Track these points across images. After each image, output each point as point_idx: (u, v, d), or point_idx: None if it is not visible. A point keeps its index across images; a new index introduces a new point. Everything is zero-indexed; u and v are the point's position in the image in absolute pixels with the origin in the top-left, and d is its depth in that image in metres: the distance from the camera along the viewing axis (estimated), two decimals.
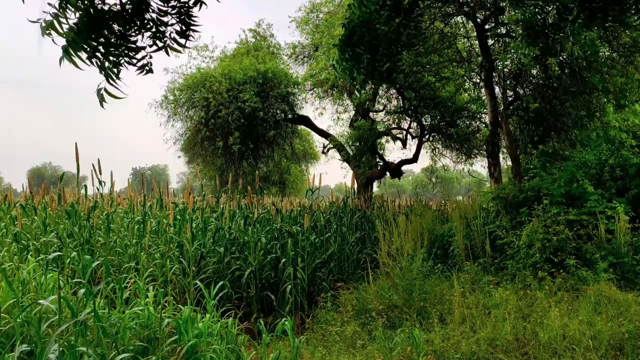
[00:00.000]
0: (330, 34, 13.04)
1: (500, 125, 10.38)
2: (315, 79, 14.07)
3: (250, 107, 13.60)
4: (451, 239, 7.91)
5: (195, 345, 4.26)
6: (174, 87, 15.39)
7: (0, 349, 3.67)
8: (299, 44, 17.00)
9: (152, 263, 6.58)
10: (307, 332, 6.00)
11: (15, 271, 5.10)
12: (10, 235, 7.00)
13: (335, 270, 8.09)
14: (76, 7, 2.87)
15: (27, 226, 7.66)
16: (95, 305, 3.64)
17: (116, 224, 7.97)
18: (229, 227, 7.89)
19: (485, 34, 10.12)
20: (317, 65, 14.11)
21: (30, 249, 6.69)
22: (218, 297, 5.60)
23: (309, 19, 16.44)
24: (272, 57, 16.38)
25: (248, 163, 16.98)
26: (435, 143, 16.89)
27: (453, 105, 13.95)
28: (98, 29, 2.95)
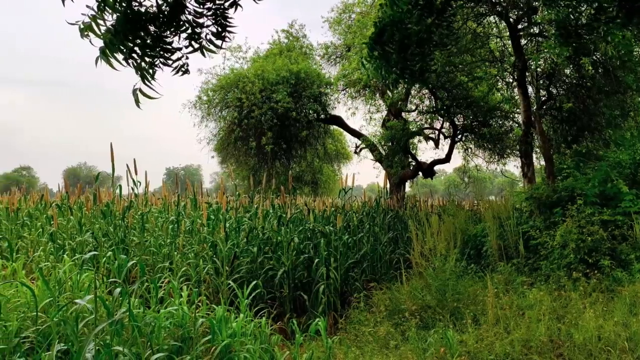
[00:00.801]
0: (363, 34, 13.03)
1: (534, 125, 10.20)
2: (347, 79, 14.10)
3: (283, 107, 13.73)
4: (484, 239, 7.83)
5: (229, 345, 4.28)
6: (207, 87, 15.65)
7: (37, 348, 3.75)
8: (331, 44, 17.05)
9: (186, 263, 6.66)
10: (340, 332, 6.04)
11: (52, 270, 5.20)
12: (47, 235, 7.24)
13: (368, 270, 8.10)
14: (113, 9, 2.97)
15: (63, 226, 7.84)
16: (130, 305, 3.70)
17: (150, 224, 8.14)
18: (262, 227, 7.97)
19: (518, 34, 9.96)
20: (349, 65, 14.13)
21: (66, 249, 6.86)
22: (251, 297, 5.65)
23: (341, 19, 16.47)
24: (304, 57, 16.47)
25: (281, 163, 17.12)
26: (468, 143, 16.68)
27: (486, 105, 13.76)
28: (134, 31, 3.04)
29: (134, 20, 2.98)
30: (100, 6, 2.92)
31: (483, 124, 14.74)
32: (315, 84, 15.00)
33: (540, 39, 10.82)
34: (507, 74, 12.28)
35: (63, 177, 74.49)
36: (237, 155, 16.55)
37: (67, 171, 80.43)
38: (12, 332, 3.74)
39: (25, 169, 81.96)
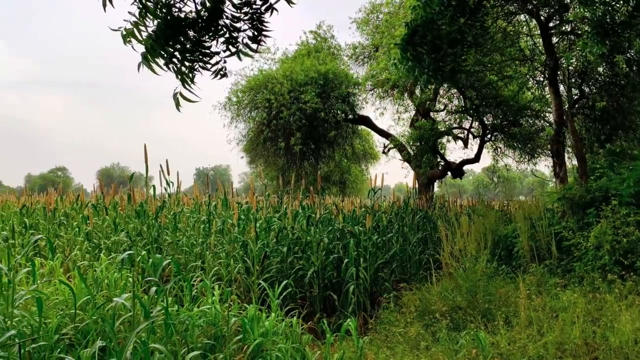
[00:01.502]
0: (391, 34, 13.01)
1: (566, 124, 10.00)
2: (375, 79, 14.09)
3: (311, 107, 13.81)
4: (515, 240, 7.74)
5: (260, 343, 4.33)
6: (237, 89, 15.87)
7: (77, 345, 3.84)
8: (359, 45, 17.05)
9: (217, 262, 6.74)
10: (370, 333, 6.05)
11: (88, 269, 5.34)
12: (83, 234, 7.46)
13: (398, 270, 8.09)
14: (155, 16, 3.07)
15: (99, 225, 8.03)
16: (167, 303, 3.79)
17: (183, 224, 8.29)
18: (292, 227, 8.04)
19: (549, 32, 9.79)
20: (377, 65, 14.12)
21: (102, 248, 7.02)
22: (282, 297, 5.70)
23: (369, 19, 16.46)
24: (332, 58, 16.54)
25: (309, 163, 17.23)
26: (497, 142, 16.46)
27: (516, 104, 13.55)
28: (175, 36, 3.13)
29: (174, 26, 3.06)
30: (142, 12, 3.01)
31: (513, 123, 14.53)
32: (344, 85, 15.04)
33: (573, 36, 10.61)
34: (538, 72, 12.07)
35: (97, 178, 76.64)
36: (265, 155, 16.73)
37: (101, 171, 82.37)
38: (52, 329, 3.86)
39: (61, 169, 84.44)
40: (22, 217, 8.78)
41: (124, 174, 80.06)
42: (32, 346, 3.46)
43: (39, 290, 3.89)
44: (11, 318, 3.46)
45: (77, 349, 3.72)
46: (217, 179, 12.92)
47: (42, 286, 4.59)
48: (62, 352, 3.65)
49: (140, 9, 3.00)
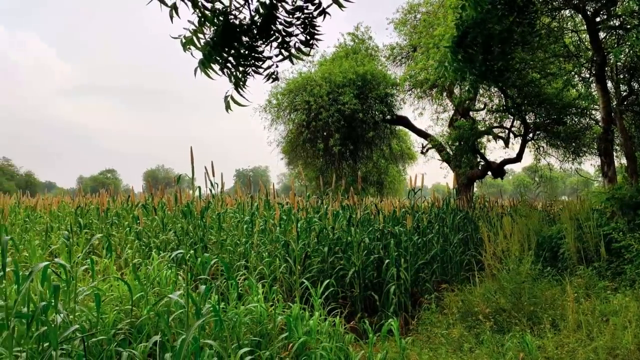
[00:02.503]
0: (429, 34, 12.91)
1: (614, 122, 9.69)
2: (414, 79, 14.02)
3: (349, 109, 13.87)
4: (561, 241, 7.56)
5: (305, 342, 4.39)
6: (276, 91, 16.08)
7: (133, 340, 3.98)
8: (396, 45, 17.00)
9: (260, 261, 6.87)
10: (412, 333, 6.05)
11: (141, 267, 5.52)
12: (133, 234, 7.75)
13: (438, 271, 8.05)
14: (212, 24, 3.21)
15: (148, 225, 8.31)
16: (219, 301, 3.89)
17: (227, 224, 8.48)
18: (332, 227, 8.11)
19: (596, 27, 9.51)
20: (415, 65, 14.04)
21: (151, 246, 7.27)
22: (324, 296, 5.78)
23: (407, 19, 16.38)
24: (370, 59, 16.54)
25: (347, 164, 17.28)
26: (540, 141, 16.08)
27: (560, 102, 13.20)
28: (230, 42, 3.26)
29: (229, 33, 3.19)
30: (201, 21, 3.16)
31: (557, 121, 14.16)
32: (381, 85, 15.04)
33: (621, 31, 10.27)
34: (584, 69, 11.73)
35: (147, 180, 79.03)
36: (304, 156, 16.90)
37: (147, 173, 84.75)
38: (108, 324, 4.03)
39: (110, 171, 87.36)
40: (77, 217, 9.19)
41: (169, 176, 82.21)
42: (91, 340, 3.63)
43: (96, 287, 4.08)
44: (73, 313, 3.64)
45: (132, 344, 3.87)
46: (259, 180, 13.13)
47: (98, 283, 4.81)
48: (118, 346, 3.79)
49: (200, 18, 3.14)
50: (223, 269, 5.97)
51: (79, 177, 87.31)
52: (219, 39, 3.16)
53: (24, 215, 10.17)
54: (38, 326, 3.12)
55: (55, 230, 8.56)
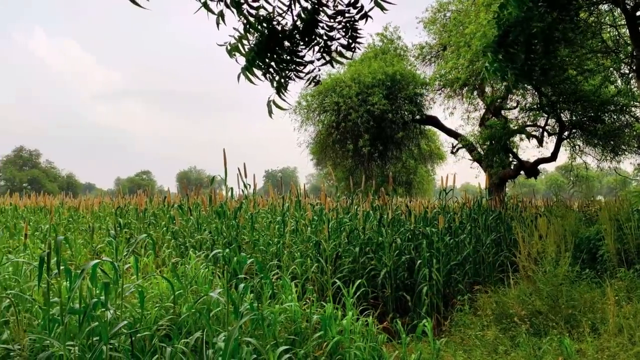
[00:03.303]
0: (460, 33, 12.76)
1: None
2: (444, 78, 13.87)
3: (379, 109, 13.84)
4: (600, 242, 7.36)
5: (338, 341, 4.42)
6: (306, 93, 16.15)
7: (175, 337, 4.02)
8: (426, 45, 16.85)
9: (293, 261, 6.93)
10: (445, 335, 6.01)
11: (179, 266, 5.69)
12: (170, 233, 7.92)
13: (471, 272, 7.96)
14: (256, 30, 3.28)
15: (183, 225, 8.49)
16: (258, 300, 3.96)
17: (259, 224, 8.58)
18: (363, 227, 8.11)
19: (636, 21, 9.22)
20: (445, 64, 13.89)
21: (187, 246, 7.43)
22: (356, 296, 5.79)
23: (436, 18, 16.23)
24: (399, 59, 16.44)
25: (376, 164, 17.23)
26: (576, 140, 15.68)
27: (597, 99, 12.82)
28: (273, 48, 3.33)
29: (272, 38, 3.25)
30: (246, 28, 3.23)
31: (594, 119, 13.77)
32: (411, 85, 14.95)
33: None
34: (623, 64, 11.38)
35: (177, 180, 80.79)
36: (334, 157, 16.92)
37: (180, 174, 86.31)
38: (150, 320, 4.16)
39: (145, 172, 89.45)
40: (117, 217, 9.48)
41: (200, 177, 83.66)
42: (136, 336, 3.74)
43: (139, 285, 4.20)
44: (120, 309, 3.76)
45: (172, 340, 3.95)
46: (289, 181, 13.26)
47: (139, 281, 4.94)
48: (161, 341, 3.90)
49: (245, 25, 3.21)
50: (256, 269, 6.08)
51: (116, 178, 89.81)
52: (262, 45, 3.22)
53: (67, 216, 10.54)
54: (89, 322, 3.25)
55: (96, 229, 8.83)
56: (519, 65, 7.16)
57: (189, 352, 3.66)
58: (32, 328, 3.75)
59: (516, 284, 6.74)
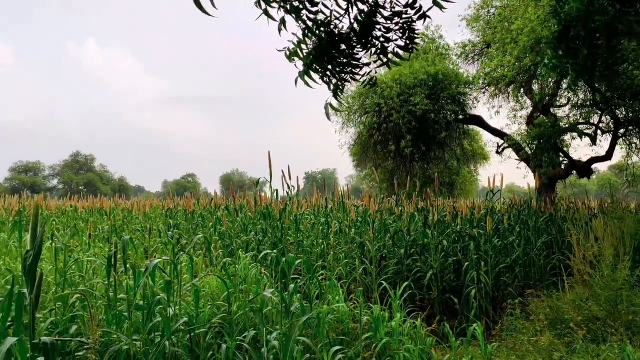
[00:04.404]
0: (505, 29, 12.44)
1: None
2: (489, 76, 13.54)
3: (421, 110, 13.67)
4: None
5: (387, 343, 4.39)
6: (347, 95, 16.12)
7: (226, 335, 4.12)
8: (469, 43, 16.50)
9: (338, 262, 6.91)
10: (495, 339, 5.85)
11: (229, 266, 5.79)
12: (218, 234, 8.07)
13: (521, 275, 7.71)
14: (314, 35, 3.30)
15: (230, 226, 8.65)
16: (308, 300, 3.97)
17: (304, 225, 8.61)
18: (408, 229, 8.01)
19: None
20: (490, 62, 13.57)
21: (234, 247, 7.53)
22: (402, 298, 5.72)
23: (480, 15, 15.87)
24: (441, 58, 16.19)
25: (419, 166, 17.02)
26: (631, 138, 14.97)
27: None
28: (330, 52, 3.34)
29: (330, 42, 3.27)
30: (305, 33, 3.25)
31: None
32: (454, 85, 14.69)
33: None
34: None
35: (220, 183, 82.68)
36: (375, 158, 16.82)
37: (223, 177, 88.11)
38: (204, 318, 4.24)
39: (191, 175, 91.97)
40: (167, 218, 9.76)
41: (242, 179, 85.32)
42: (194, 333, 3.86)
43: (194, 284, 4.30)
44: (179, 307, 3.88)
45: (225, 337, 4.05)
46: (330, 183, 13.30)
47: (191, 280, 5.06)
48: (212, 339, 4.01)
49: (303, 30, 3.24)
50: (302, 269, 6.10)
51: (163, 181, 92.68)
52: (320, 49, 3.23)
53: (121, 217, 10.94)
54: (151, 318, 3.40)
55: (148, 230, 9.10)
56: (580, 61, 6.88)
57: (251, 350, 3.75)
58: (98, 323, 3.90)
59: (571, 288, 6.48)
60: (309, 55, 3.32)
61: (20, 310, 2.48)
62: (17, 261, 6.01)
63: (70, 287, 4.54)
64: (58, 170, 79.27)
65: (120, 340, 3.35)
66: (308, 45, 3.34)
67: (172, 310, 3.61)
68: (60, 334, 3.56)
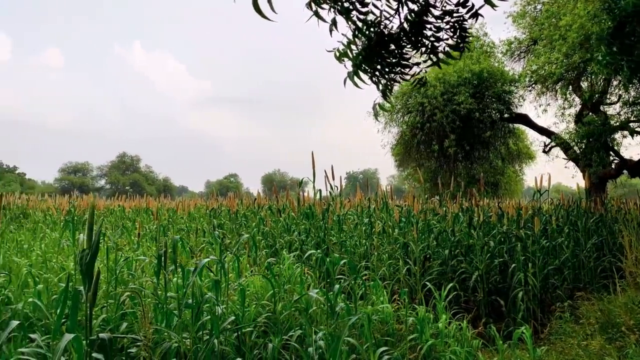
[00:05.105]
0: (554, 25, 12.12)
1: None
2: (536, 74, 13.22)
3: (465, 109, 13.51)
4: None
5: (432, 345, 4.38)
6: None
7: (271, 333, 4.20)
8: (514, 40, 16.15)
9: (381, 262, 6.91)
10: (543, 343, 5.75)
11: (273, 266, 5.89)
12: (261, 234, 8.22)
13: (570, 278, 7.53)
14: (364, 35, 3.35)
15: (273, 226, 8.77)
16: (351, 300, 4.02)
17: (346, 225, 8.66)
18: (452, 229, 7.96)
19: None
20: (537, 59, 13.25)
21: (277, 247, 7.63)
22: (447, 300, 5.68)
23: (526, 11, 15.51)
24: (486, 56, 15.92)
25: (463, 165, 16.79)
26: None
27: None
28: (380, 52, 3.39)
29: (380, 42, 3.32)
30: (355, 33, 3.32)
31: None
32: (499, 83, 14.43)
33: None
34: None
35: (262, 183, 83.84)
36: (418, 158, 16.71)
37: (265, 177, 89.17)
38: (249, 317, 4.33)
39: (233, 175, 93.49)
40: (211, 218, 10.01)
41: (284, 179, 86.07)
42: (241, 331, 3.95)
43: (240, 283, 4.43)
44: (226, 305, 4.00)
45: (270, 336, 4.10)
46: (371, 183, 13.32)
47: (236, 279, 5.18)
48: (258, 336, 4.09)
49: (354, 31, 3.30)
50: (345, 269, 6.16)
51: (206, 181, 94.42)
52: (370, 49, 3.28)
53: (167, 216, 11.30)
54: (200, 316, 3.48)
55: (192, 230, 9.38)
56: (635, 58, 6.67)
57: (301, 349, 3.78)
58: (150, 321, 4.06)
59: (623, 291, 6.30)
60: (358, 56, 3.34)
61: (76, 307, 2.48)
62: (68, 259, 6.18)
63: (120, 285, 4.68)
64: (105, 171, 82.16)
65: (170, 337, 3.45)
66: (357, 45, 3.38)
67: (220, 309, 3.68)
68: (111, 331, 3.65)
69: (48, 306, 3.99)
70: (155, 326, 3.50)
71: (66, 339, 2.22)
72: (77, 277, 4.70)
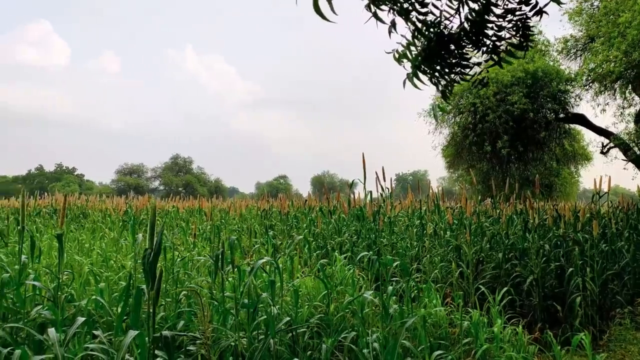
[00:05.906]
0: (612, 22, 11.69)
1: None
2: (594, 72, 12.78)
3: (519, 109, 13.23)
4: None
5: (487, 349, 4.34)
6: (438, 95, 15.92)
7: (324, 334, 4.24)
8: (570, 38, 15.63)
9: (433, 265, 6.88)
10: (602, 350, 5.60)
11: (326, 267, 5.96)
12: (312, 235, 8.32)
13: (630, 283, 7.27)
14: (424, 36, 3.34)
15: (324, 228, 8.82)
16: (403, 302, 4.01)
17: (398, 227, 8.66)
18: (506, 232, 7.82)
19: None
20: (595, 57, 12.79)
21: (328, 248, 7.70)
22: (502, 304, 5.62)
23: (583, 8, 14.98)
24: (540, 55, 15.49)
25: (516, 167, 16.41)
26: None
27: None
28: (440, 52, 3.39)
29: (440, 43, 3.32)
30: (414, 34, 3.35)
31: None
32: (554, 82, 14.02)
33: None
34: None
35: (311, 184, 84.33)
36: (469, 159, 16.46)
37: (314, 178, 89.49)
38: (302, 317, 4.39)
39: (282, 177, 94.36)
40: (263, 219, 10.22)
41: (333, 181, 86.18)
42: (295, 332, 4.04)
43: (294, 284, 4.54)
44: (280, 306, 4.10)
45: (323, 337, 4.16)
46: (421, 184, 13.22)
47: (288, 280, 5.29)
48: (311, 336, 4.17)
49: (413, 31, 3.33)
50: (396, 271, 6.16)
51: (256, 182, 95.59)
52: (429, 50, 3.28)
53: (219, 217, 11.63)
54: (255, 316, 3.58)
55: (244, 231, 9.62)
56: None
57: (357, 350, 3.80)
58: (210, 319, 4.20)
59: None
60: (417, 57, 3.33)
61: (139, 305, 2.53)
62: (127, 258, 6.36)
63: (177, 284, 4.83)
64: (159, 172, 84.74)
65: (228, 336, 3.54)
66: (417, 46, 3.37)
67: (275, 309, 3.74)
68: (169, 329, 3.75)
69: (110, 304, 4.12)
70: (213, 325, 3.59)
71: (131, 336, 2.27)
72: (137, 276, 4.92)
